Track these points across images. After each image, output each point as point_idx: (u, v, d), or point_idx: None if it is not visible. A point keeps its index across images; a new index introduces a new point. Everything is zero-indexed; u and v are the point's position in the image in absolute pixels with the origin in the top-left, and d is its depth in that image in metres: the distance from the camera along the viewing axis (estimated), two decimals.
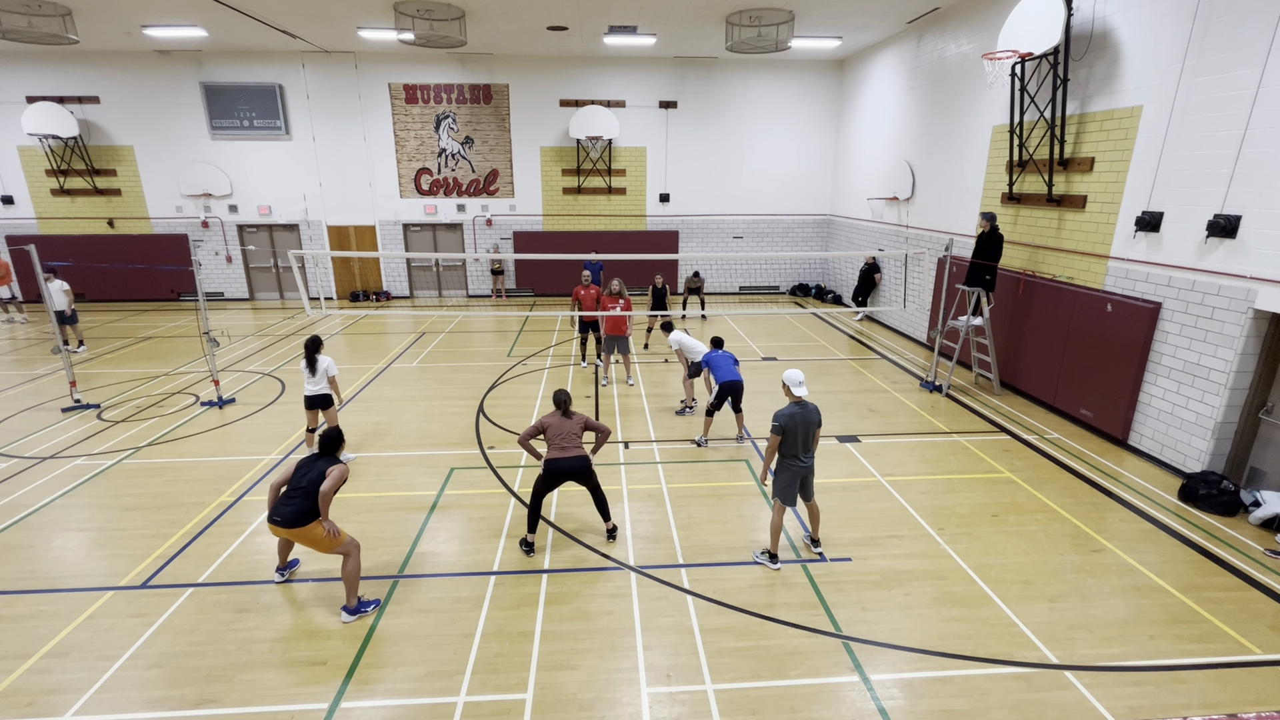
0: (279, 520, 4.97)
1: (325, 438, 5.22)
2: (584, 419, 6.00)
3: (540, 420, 5.97)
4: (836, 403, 9.91)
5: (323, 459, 5.14)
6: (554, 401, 6.04)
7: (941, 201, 12.94)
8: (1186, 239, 7.50)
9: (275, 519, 4.99)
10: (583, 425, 5.96)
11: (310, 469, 5.08)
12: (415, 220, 18.39)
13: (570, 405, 6.02)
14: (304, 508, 4.96)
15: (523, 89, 17.45)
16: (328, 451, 5.20)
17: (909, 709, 4.24)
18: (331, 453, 5.19)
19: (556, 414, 5.98)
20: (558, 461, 5.84)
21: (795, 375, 5.62)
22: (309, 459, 5.16)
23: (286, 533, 5.01)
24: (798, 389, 5.57)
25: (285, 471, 5.15)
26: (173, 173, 17.39)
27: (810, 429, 5.51)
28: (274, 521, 5.00)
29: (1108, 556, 5.99)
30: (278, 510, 4.99)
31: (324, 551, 5.10)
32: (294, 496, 4.99)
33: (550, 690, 4.38)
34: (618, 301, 10.06)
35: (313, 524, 4.99)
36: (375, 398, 10.26)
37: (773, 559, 5.77)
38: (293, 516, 4.94)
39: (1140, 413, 8.19)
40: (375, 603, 5.27)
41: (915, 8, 12.47)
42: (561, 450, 5.86)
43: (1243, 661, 4.68)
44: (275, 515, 4.99)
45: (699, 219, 18.96)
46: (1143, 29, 8.03)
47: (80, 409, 9.59)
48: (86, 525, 6.50)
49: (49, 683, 4.45)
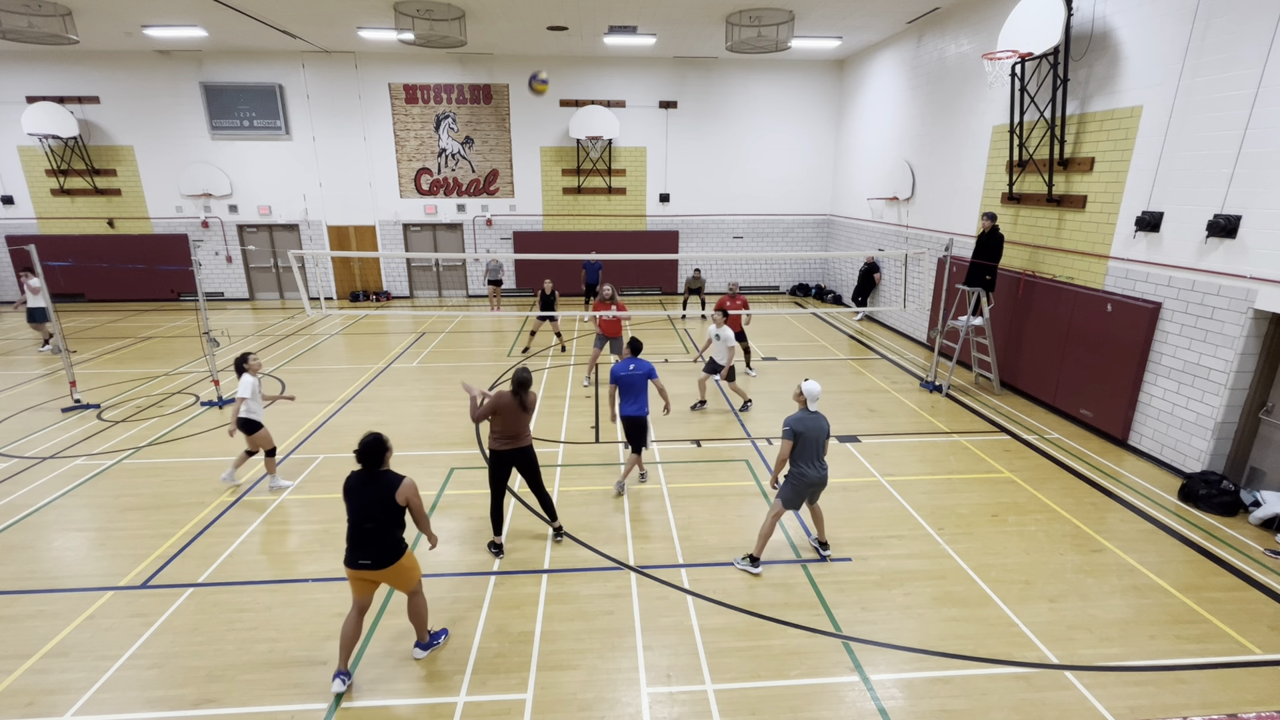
0: (369, 564, 4.16)
1: (365, 447, 4.19)
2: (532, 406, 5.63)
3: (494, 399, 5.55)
4: (836, 403, 9.91)
5: (372, 477, 4.21)
6: (513, 380, 5.59)
7: (941, 201, 12.94)
8: (1186, 239, 7.50)
9: (364, 563, 4.16)
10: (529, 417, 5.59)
11: (366, 493, 4.18)
12: (415, 220, 18.39)
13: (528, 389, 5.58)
14: (388, 541, 4.20)
15: (523, 89, 17.42)
16: (372, 464, 4.20)
17: (909, 709, 4.24)
18: (377, 464, 4.21)
19: (510, 397, 5.52)
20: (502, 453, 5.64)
21: (814, 389, 5.46)
22: (357, 483, 4.22)
23: (380, 575, 4.24)
24: (814, 404, 5.46)
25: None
26: (173, 173, 17.39)
27: (821, 436, 5.44)
28: (362, 567, 4.17)
29: (1108, 556, 5.99)
30: (362, 554, 4.15)
31: (407, 589, 4.46)
32: (369, 532, 4.15)
33: (550, 690, 4.38)
34: (610, 306, 10.15)
35: (405, 556, 4.31)
36: (375, 398, 10.26)
37: (754, 562, 5.68)
38: (382, 555, 4.17)
39: (1140, 413, 8.19)
40: (444, 632, 4.86)
41: (915, 8, 12.47)
42: (507, 442, 5.61)
43: (1243, 661, 4.68)
44: (362, 559, 4.15)
45: (699, 219, 18.96)
46: (1143, 29, 8.03)
47: (80, 409, 9.59)
48: (86, 525, 6.50)
49: (49, 683, 4.45)
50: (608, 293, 10.19)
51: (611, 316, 10.06)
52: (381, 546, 4.19)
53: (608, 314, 10.02)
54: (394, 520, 4.23)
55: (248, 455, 7.21)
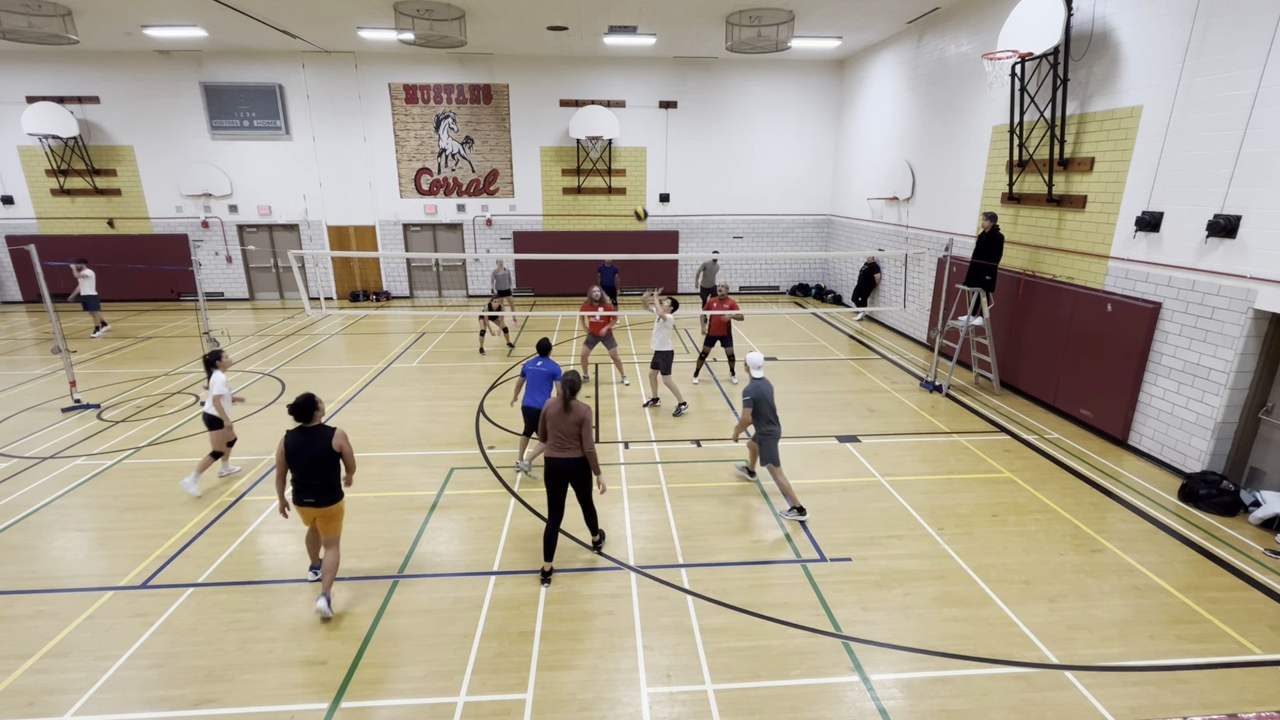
0: (312, 501, 5.05)
1: (298, 405, 4.92)
2: (582, 417, 5.42)
3: (545, 407, 5.58)
4: (836, 403, 9.92)
5: (308, 431, 4.95)
6: (562, 383, 5.56)
7: (941, 201, 12.94)
8: (1186, 239, 7.50)
9: (308, 501, 5.05)
10: (578, 425, 5.42)
11: (307, 445, 4.94)
12: (415, 220, 18.38)
13: (577, 393, 5.51)
14: (329, 485, 5.06)
15: (523, 89, 17.44)
16: (304, 419, 4.93)
17: (909, 709, 4.24)
18: (309, 419, 4.95)
19: (558, 403, 5.49)
20: (552, 460, 5.48)
21: (757, 359, 6.67)
22: (295, 437, 4.94)
23: (319, 512, 5.10)
24: (757, 371, 6.63)
25: (280, 461, 4.94)
26: (173, 173, 17.39)
27: (772, 397, 6.63)
28: (306, 504, 5.06)
29: (1108, 556, 5.99)
30: (307, 493, 5.03)
31: (332, 534, 5.17)
32: (311, 476, 5.00)
33: (550, 690, 4.38)
34: (597, 308, 10.30)
35: (338, 504, 5.16)
36: (375, 398, 10.26)
37: (801, 510, 6.56)
38: (321, 498, 5.06)
39: (1140, 413, 8.19)
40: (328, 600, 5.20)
41: (915, 8, 12.47)
42: (556, 448, 5.46)
43: (1243, 661, 4.68)
44: (307, 498, 5.04)
45: (699, 219, 18.96)
46: (1143, 29, 8.03)
47: (80, 409, 9.59)
48: (86, 525, 6.50)
49: (49, 683, 4.45)
50: (596, 294, 10.41)
51: (600, 317, 10.27)
52: (320, 491, 5.05)
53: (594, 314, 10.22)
54: (331, 468, 5.06)
55: (213, 458, 7.16)
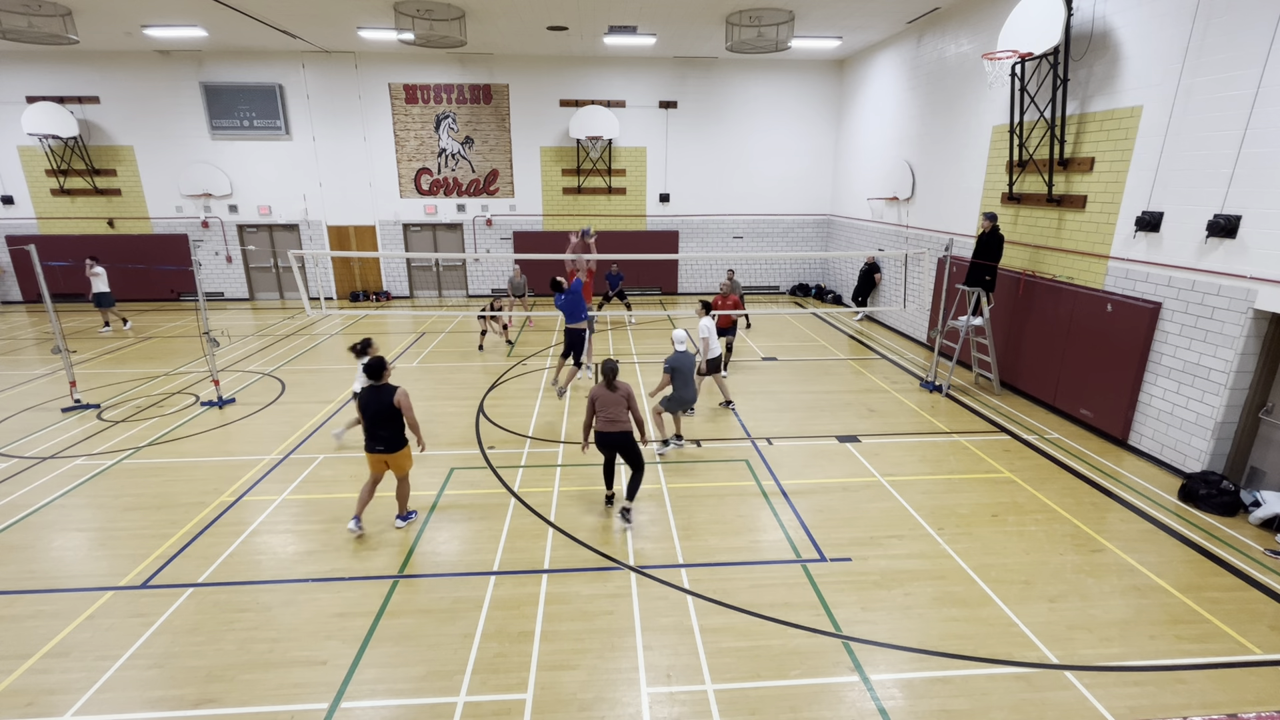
0: (382, 449, 5.92)
1: (371, 365, 5.96)
2: (627, 391, 6.34)
3: (590, 393, 6.39)
4: (836, 403, 9.92)
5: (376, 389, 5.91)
6: (601, 370, 6.47)
7: (941, 201, 12.94)
8: (1186, 239, 7.50)
9: (379, 449, 5.90)
10: (626, 398, 6.33)
11: (374, 400, 5.88)
12: (415, 220, 18.38)
13: (616, 375, 6.34)
14: (394, 434, 5.94)
15: (523, 89, 17.44)
16: (375, 377, 5.94)
17: (909, 709, 4.24)
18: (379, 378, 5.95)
19: (602, 386, 6.35)
20: (603, 434, 6.33)
21: (681, 334, 7.82)
22: (367, 394, 5.94)
23: (388, 457, 5.99)
24: (680, 345, 7.74)
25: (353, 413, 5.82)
26: (173, 173, 17.38)
27: (690, 368, 7.72)
28: (378, 450, 5.91)
29: (1108, 556, 5.99)
30: (378, 441, 5.90)
31: (401, 471, 6.14)
32: (379, 426, 5.89)
33: (550, 690, 4.38)
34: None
35: (406, 447, 6.08)
36: None
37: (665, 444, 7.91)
38: (390, 443, 5.96)
39: (1140, 413, 8.19)
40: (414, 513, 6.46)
41: (915, 8, 12.47)
42: (608, 422, 6.30)
43: (1243, 661, 4.69)
44: (378, 445, 5.90)
45: (699, 219, 18.96)
46: (1143, 29, 8.03)
47: (80, 409, 9.59)
48: (86, 525, 6.50)
49: (49, 683, 4.45)
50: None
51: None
52: (388, 439, 5.98)
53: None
54: (396, 420, 5.98)
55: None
